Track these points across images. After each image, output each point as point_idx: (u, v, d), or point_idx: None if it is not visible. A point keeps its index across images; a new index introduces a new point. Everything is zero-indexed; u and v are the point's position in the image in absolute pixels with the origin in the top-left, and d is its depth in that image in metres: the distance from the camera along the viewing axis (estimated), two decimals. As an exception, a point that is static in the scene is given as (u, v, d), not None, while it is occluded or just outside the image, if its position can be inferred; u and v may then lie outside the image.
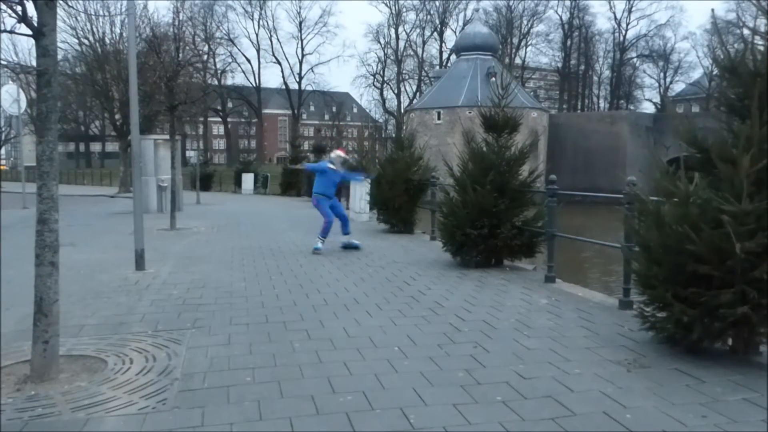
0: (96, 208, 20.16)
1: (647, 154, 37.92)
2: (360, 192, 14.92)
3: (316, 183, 9.41)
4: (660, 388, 3.58)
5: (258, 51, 66.93)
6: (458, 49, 51.98)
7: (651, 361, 4.07)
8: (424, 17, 67.62)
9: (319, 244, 9.17)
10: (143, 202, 10.39)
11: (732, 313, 3.73)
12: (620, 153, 46.16)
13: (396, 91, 69.67)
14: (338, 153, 9.76)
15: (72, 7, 23.41)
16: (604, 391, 3.54)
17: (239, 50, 66.05)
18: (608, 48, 71.45)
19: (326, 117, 75.62)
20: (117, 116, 32.28)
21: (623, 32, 69.34)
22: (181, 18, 16.05)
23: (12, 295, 5.74)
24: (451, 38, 65.61)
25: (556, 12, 73.84)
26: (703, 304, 3.84)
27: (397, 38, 67.66)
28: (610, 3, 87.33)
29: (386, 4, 70.13)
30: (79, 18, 31.41)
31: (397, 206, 11.97)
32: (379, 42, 68.31)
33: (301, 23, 66.68)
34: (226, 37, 62.04)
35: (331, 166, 9.32)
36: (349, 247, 9.47)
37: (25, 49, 39.56)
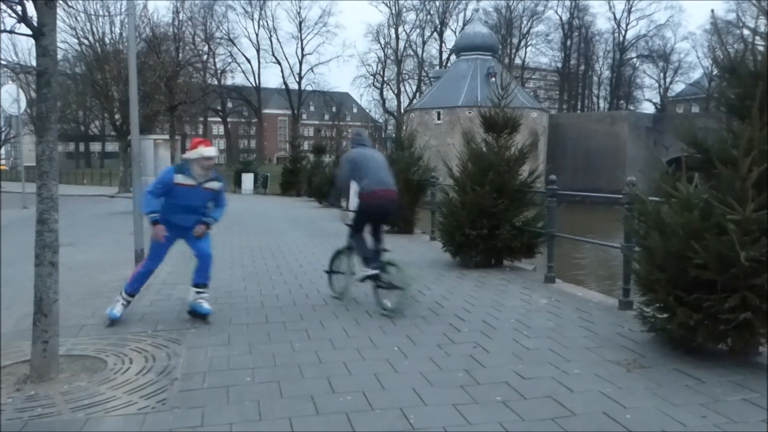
0: (96, 208, 20.15)
1: (647, 155, 37.91)
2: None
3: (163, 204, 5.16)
4: (660, 389, 3.58)
5: (258, 51, 66.94)
6: (458, 50, 51.97)
7: (651, 361, 4.07)
8: (424, 17, 67.65)
9: (117, 309, 5.17)
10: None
11: (734, 318, 3.73)
12: (620, 153, 46.17)
13: (396, 91, 69.68)
14: (202, 150, 5.05)
15: (72, 7, 23.43)
16: (603, 392, 3.54)
17: (239, 50, 66.06)
18: (608, 48, 71.52)
19: (326, 117, 75.58)
20: (117, 116, 32.16)
21: (623, 32, 69.39)
22: (181, 18, 16.09)
23: (12, 295, 5.74)
24: (451, 38, 65.64)
25: (556, 12, 73.99)
26: (706, 309, 3.84)
27: (397, 38, 67.70)
28: (609, 3, 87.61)
29: (386, 4, 70.14)
30: (79, 18, 31.37)
31: (397, 206, 11.95)
32: (379, 42, 68.37)
33: (301, 23, 66.71)
34: (226, 37, 62.06)
35: (182, 179, 5.03)
36: (195, 313, 5.28)
37: (25, 49, 39.52)
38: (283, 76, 67.51)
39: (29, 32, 3.66)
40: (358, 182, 5.69)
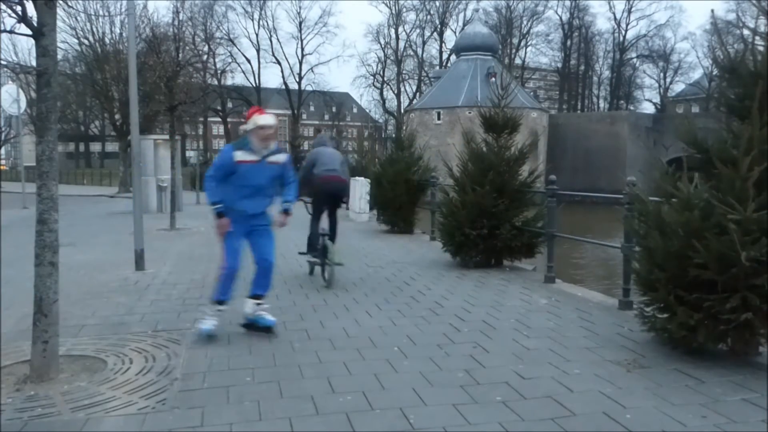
0: (96, 208, 20.15)
1: (647, 155, 37.93)
2: (360, 192, 14.91)
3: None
4: (660, 389, 3.58)
5: (258, 51, 66.86)
6: (458, 50, 51.95)
7: (650, 361, 4.07)
8: (424, 17, 67.58)
9: (208, 324, 4.71)
10: (143, 202, 10.38)
11: (734, 318, 3.73)
12: (620, 153, 46.15)
13: (396, 92, 69.63)
14: (257, 119, 4.58)
15: (72, 7, 23.38)
16: (603, 392, 3.54)
17: (239, 50, 65.94)
18: (608, 48, 71.44)
19: (326, 117, 75.55)
20: (117, 116, 32.25)
21: (623, 32, 69.31)
22: (181, 18, 16.03)
23: (12, 295, 5.73)
24: (451, 38, 65.58)
25: (556, 12, 73.80)
26: (706, 309, 3.84)
27: (397, 38, 67.64)
28: (609, 3, 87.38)
29: (386, 5, 70.00)
30: (79, 18, 31.42)
31: (397, 206, 11.97)
32: (379, 42, 68.30)
33: (301, 23, 66.58)
34: (226, 37, 61.93)
35: (243, 156, 4.58)
36: (256, 327, 4.87)
37: (25, 49, 39.51)
38: (283, 76, 67.49)
39: (29, 32, 3.66)
40: (315, 170, 6.96)
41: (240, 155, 4.57)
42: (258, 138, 4.56)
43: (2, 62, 7.26)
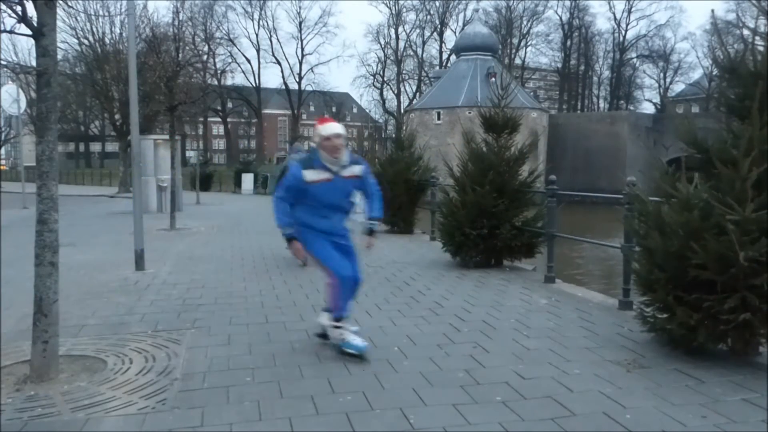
0: (96, 208, 20.15)
1: (647, 155, 37.93)
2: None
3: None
4: (659, 389, 3.58)
5: (258, 51, 66.89)
6: (458, 50, 51.95)
7: (650, 361, 4.07)
8: (424, 17, 67.62)
9: (354, 339, 4.21)
10: (143, 202, 10.39)
11: (734, 318, 3.73)
12: (620, 153, 46.15)
13: (396, 92, 69.67)
14: (320, 130, 4.11)
15: (72, 7, 23.38)
16: (603, 392, 3.54)
17: (239, 50, 65.97)
18: (608, 48, 71.48)
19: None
20: (117, 116, 32.26)
21: (623, 32, 69.35)
22: (181, 18, 16.04)
23: (12, 295, 5.74)
24: (451, 38, 65.60)
25: (556, 12, 73.89)
26: (706, 309, 3.84)
27: (397, 38, 67.68)
28: (609, 3, 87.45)
29: (386, 5, 70.16)
30: (79, 18, 31.44)
31: (397, 206, 11.97)
32: (379, 42, 68.34)
33: (301, 23, 66.64)
34: (226, 37, 61.97)
35: (314, 175, 4.08)
36: (347, 352, 4.20)
37: (25, 49, 39.53)
38: (283, 76, 67.54)
39: (29, 32, 3.66)
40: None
41: (310, 175, 4.03)
42: (326, 151, 4.04)
43: (2, 62, 7.26)
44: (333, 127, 4.08)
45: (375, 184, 4.33)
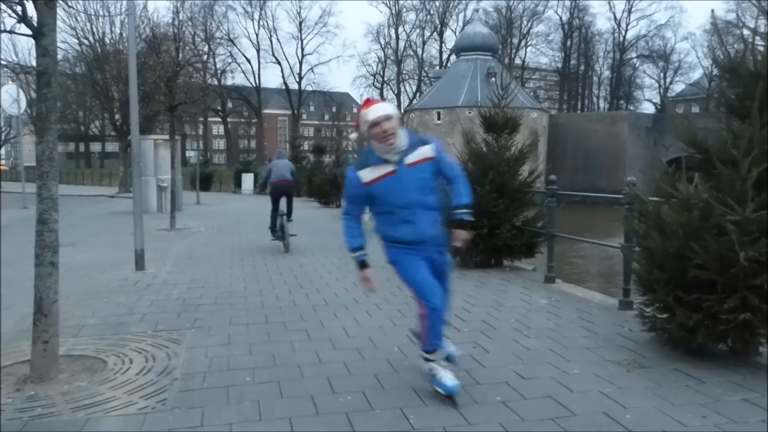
0: (96, 208, 20.15)
1: (647, 155, 37.93)
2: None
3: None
4: (659, 389, 3.58)
5: (258, 51, 66.96)
6: (458, 50, 51.98)
7: (650, 361, 4.07)
8: (424, 17, 67.71)
9: (445, 378, 3.46)
10: (143, 202, 10.39)
11: (734, 318, 3.73)
12: (620, 153, 46.17)
13: (396, 91, 69.71)
14: (364, 115, 3.38)
15: (72, 7, 23.41)
16: (603, 392, 3.54)
17: (239, 50, 66.09)
18: (608, 48, 71.54)
19: (326, 117, 75.53)
20: (117, 116, 32.25)
21: (623, 32, 69.41)
22: (181, 18, 16.04)
23: (12, 295, 5.74)
24: (451, 38, 65.69)
25: (556, 12, 73.94)
26: (705, 309, 3.84)
27: (397, 38, 67.76)
28: (609, 3, 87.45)
29: (386, 5, 70.28)
30: (79, 18, 31.43)
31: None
32: (379, 42, 68.45)
33: (301, 23, 66.72)
34: (226, 37, 62.05)
35: (372, 173, 3.40)
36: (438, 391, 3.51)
37: (25, 49, 39.56)
38: (283, 76, 67.59)
39: (29, 32, 3.66)
40: (272, 177, 10.01)
41: (367, 174, 3.37)
42: (377, 140, 3.31)
43: (2, 62, 7.25)
44: (378, 109, 3.33)
45: (454, 164, 3.54)
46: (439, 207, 3.49)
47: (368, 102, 3.43)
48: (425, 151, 3.39)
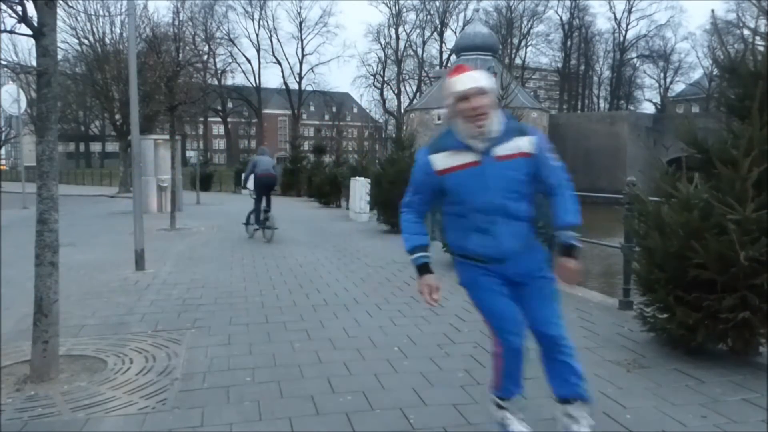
0: (96, 208, 20.15)
1: (647, 155, 37.94)
2: (360, 192, 14.91)
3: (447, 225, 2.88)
4: (660, 389, 3.58)
5: (258, 51, 66.97)
6: (458, 50, 52.01)
7: (651, 361, 4.07)
8: (424, 17, 67.72)
9: (517, 430, 2.90)
10: (143, 202, 10.39)
11: (734, 318, 3.73)
12: (620, 153, 46.19)
13: (396, 92, 69.76)
14: (450, 84, 2.60)
15: (72, 7, 23.41)
16: (603, 392, 3.54)
17: (239, 50, 66.09)
18: (608, 48, 71.55)
19: (326, 117, 75.58)
20: (117, 116, 32.24)
21: (623, 32, 69.40)
22: (181, 18, 16.06)
23: (12, 295, 5.74)
24: (451, 38, 65.72)
25: (556, 12, 73.88)
26: (705, 308, 3.84)
27: (397, 38, 67.75)
28: (610, 3, 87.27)
29: (386, 5, 70.14)
30: (79, 18, 31.41)
31: (398, 206, 11.96)
32: (380, 42, 68.44)
33: (301, 23, 66.70)
34: (226, 37, 62.04)
35: (448, 160, 2.59)
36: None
37: (25, 49, 39.56)
38: (283, 76, 67.59)
39: (29, 32, 3.66)
40: (257, 170, 10.70)
41: (441, 160, 2.61)
42: (464, 118, 2.54)
43: (2, 62, 7.25)
44: (469, 79, 2.55)
45: (559, 168, 2.66)
46: (531, 218, 2.65)
47: (459, 69, 2.64)
48: (522, 144, 2.56)
